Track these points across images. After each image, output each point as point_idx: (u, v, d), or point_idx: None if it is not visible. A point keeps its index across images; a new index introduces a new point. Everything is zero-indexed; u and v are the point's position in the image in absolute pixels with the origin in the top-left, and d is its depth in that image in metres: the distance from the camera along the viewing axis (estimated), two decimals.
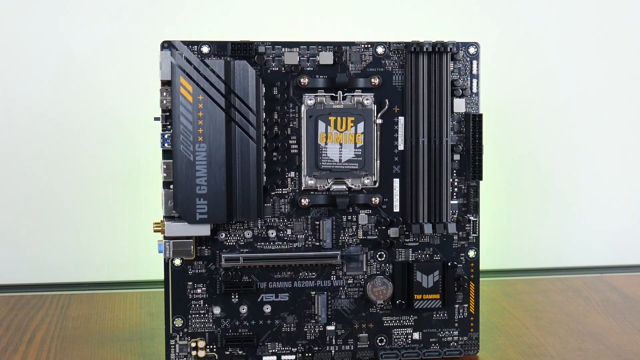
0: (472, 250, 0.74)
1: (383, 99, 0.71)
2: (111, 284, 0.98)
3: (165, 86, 0.69)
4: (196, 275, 0.71)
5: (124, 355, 0.74)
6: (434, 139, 0.71)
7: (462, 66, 0.72)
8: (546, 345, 0.77)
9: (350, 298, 0.73)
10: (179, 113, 0.68)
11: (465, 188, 0.73)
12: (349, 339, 0.73)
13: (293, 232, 0.72)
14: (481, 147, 0.72)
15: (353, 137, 0.71)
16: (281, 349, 0.72)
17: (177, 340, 0.71)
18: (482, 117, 0.72)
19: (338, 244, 0.72)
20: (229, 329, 0.72)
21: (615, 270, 1.05)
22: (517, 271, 1.05)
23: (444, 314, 0.74)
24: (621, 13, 1.05)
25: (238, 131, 0.69)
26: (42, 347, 0.76)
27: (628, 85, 1.06)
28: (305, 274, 0.72)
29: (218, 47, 0.70)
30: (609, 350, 0.75)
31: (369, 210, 0.72)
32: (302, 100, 0.70)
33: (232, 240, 0.71)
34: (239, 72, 0.69)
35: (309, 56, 0.71)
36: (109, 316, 0.85)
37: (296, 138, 0.71)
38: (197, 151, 0.68)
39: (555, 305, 0.89)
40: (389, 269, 0.73)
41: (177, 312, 0.71)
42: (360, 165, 0.71)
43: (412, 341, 0.73)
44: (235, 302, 0.71)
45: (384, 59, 0.71)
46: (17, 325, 0.82)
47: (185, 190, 0.68)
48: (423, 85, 0.71)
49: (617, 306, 0.88)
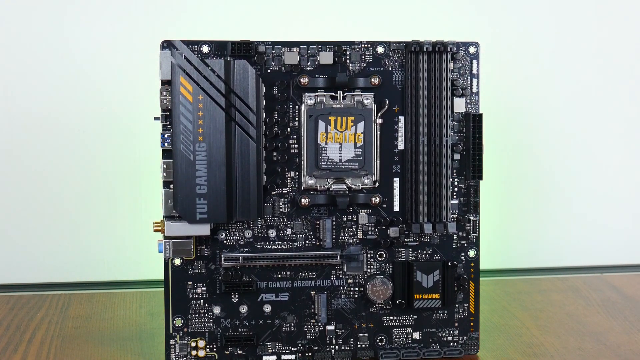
0: (472, 249, 0.74)
1: (383, 99, 0.71)
2: (111, 283, 0.98)
3: (165, 86, 0.69)
4: (196, 275, 0.71)
5: (124, 355, 0.74)
6: (434, 139, 0.71)
7: (462, 66, 0.72)
8: (546, 345, 0.77)
9: (350, 298, 0.73)
10: (179, 113, 0.68)
11: (465, 188, 0.73)
12: (349, 338, 0.73)
13: (293, 231, 0.72)
14: (481, 146, 0.72)
15: (353, 137, 0.71)
16: (281, 348, 0.72)
17: (177, 340, 0.71)
18: (482, 117, 0.72)
19: (338, 243, 0.72)
20: (229, 328, 0.72)
21: (616, 270, 1.05)
22: (517, 271, 1.05)
23: (444, 313, 0.74)
24: (620, 12, 1.05)
25: (238, 131, 0.69)
26: (42, 347, 0.76)
27: (627, 83, 1.06)
28: (305, 274, 0.72)
29: (218, 47, 0.70)
30: (609, 350, 0.75)
31: (369, 210, 0.72)
32: (302, 99, 0.70)
33: (232, 240, 0.71)
34: (239, 72, 0.69)
35: (309, 56, 0.71)
36: (109, 316, 0.85)
37: (296, 138, 0.71)
38: (197, 151, 0.68)
39: (555, 305, 0.89)
40: (389, 269, 0.73)
41: (177, 312, 0.71)
42: (360, 164, 0.71)
43: (412, 341, 0.73)
44: (235, 301, 0.71)
45: (384, 58, 0.71)
46: (17, 324, 0.82)
47: (185, 189, 0.68)
48: (423, 85, 0.71)
49: (617, 306, 0.88)
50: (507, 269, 1.05)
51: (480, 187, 0.73)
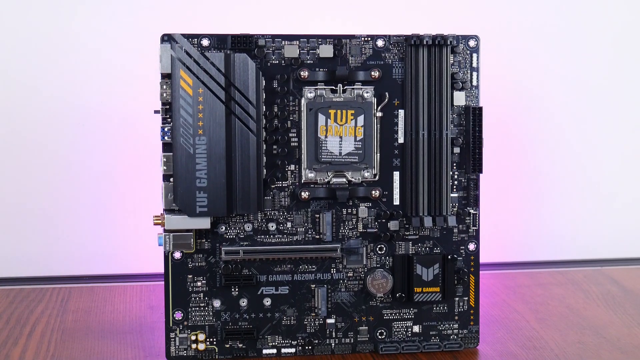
0: (472, 243, 0.74)
1: (383, 92, 0.71)
2: (111, 277, 0.98)
3: (165, 79, 0.68)
4: (196, 269, 0.71)
5: (124, 348, 0.74)
6: (434, 132, 0.71)
7: (462, 59, 0.72)
8: (546, 338, 0.77)
9: (350, 291, 0.73)
10: (179, 106, 0.68)
11: (465, 181, 0.73)
12: (349, 332, 0.73)
13: (293, 225, 0.72)
14: (481, 140, 0.72)
15: (353, 130, 0.71)
16: (281, 342, 0.72)
17: (177, 333, 0.71)
18: (482, 110, 0.72)
19: (338, 237, 0.72)
20: (229, 322, 0.72)
21: (615, 264, 1.05)
22: (517, 264, 1.05)
23: (444, 307, 0.74)
24: (623, 5, 1.05)
25: (238, 124, 0.69)
26: (42, 340, 0.76)
27: (628, 78, 1.06)
28: (305, 267, 0.72)
29: (218, 40, 0.70)
30: (609, 343, 0.76)
31: (369, 203, 0.72)
32: (302, 93, 0.70)
33: (232, 233, 0.71)
34: (239, 65, 0.69)
35: (309, 49, 0.71)
36: (109, 309, 0.85)
37: (296, 131, 0.71)
38: (197, 144, 0.68)
39: (555, 298, 0.89)
40: (389, 262, 0.73)
41: (177, 305, 0.71)
42: (360, 158, 0.71)
43: (412, 334, 0.74)
44: (235, 295, 0.72)
45: (384, 52, 0.71)
46: (17, 318, 0.82)
47: (185, 183, 0.68)
48: (423, 78, 0.71)
49: (616, 299, 0.88)
50: (507, 262, 1.05)
51: (480, 180, 0.73)
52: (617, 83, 1.05)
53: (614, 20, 1.05)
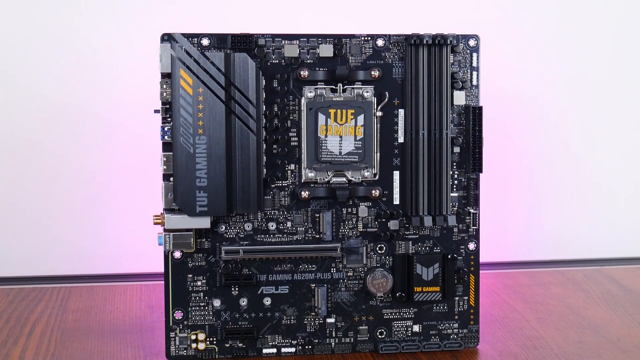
0: (472, 242, 0.74)
1: (383, 92, 0.71)
2: (111, 276, 0.98)
3: (165, 78, 0.68)
4: (196, 268, 0.71)
5: (124, 348, 0.74)
6: (434, 132, 0.71)
7: (462, 59, 0.72)
8: (546, 338, 0.77)
9: (350, 290, 0.73)
10: (179, 105, 0.68)
11: (465, 180, 0.73)
12: (349, 331, 0.73)
13: (293, 224, 0.72)
14: (481, 139, 0.72)
15: (353, 130, 0.71)
16: (281, 341, 0.72)
17: (177, 333, 0.71)
18: (482, 110, 0.72)
19: (338, 236, 0.72)
20: (229, 321, 0.72)
21: (615, 263, 1.05)
22: (517, 263, 1.05)
23: (444, 306, 0.74)
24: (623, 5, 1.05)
25: (238, 124, 0.69)
26: (42, 340, 0.76)
27: (629, 75, 1.06)
28: (305, 267, 0.72)
29: (218, 40, 0.70)
30: (609, 343, 0.76)
31: (369, 202, 0.72)
32: (302, 92, 0.70)
33: (232, 232, 0.71)
34: (239, 65, 0.69)
35: (309, 48, 0.71)
36: (109, 309, 0.85)
37: (296, 130, 0.71)
38: (197, 144, 0.68)
39: (555, 298, 0.89)
40: (389, 262, 0.73)
41: (177, 305, 0.71)
42: (360, 157, 0.71)
43: (412, 334, 0.74)
44: (235, 294, 0.72)
45: (384, 51, 0.71)
46: (17, 317, 0.82)
47: (185, 182, 0.68)
48: (423, 78, 0.71)
49: (617, 299, 0.88)
50: (507, 262, 1.05)
51: (480, 180, 0.73)
52: (617, 83, 1.05)
53: (613, 20, 1.05)
